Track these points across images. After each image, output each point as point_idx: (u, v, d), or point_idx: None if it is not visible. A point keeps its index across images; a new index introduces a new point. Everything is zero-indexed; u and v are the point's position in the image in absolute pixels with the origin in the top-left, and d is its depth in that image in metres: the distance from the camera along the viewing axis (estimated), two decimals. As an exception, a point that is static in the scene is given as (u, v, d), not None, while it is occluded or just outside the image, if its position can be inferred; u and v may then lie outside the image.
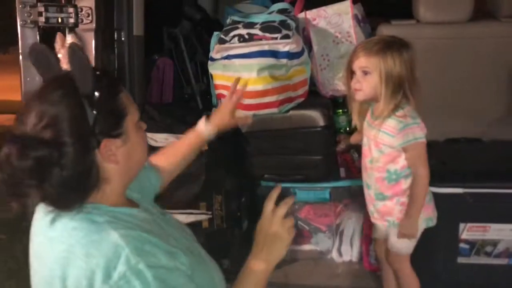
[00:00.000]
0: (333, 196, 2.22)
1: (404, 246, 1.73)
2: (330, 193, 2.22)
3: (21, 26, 1.71)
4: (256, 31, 2.00)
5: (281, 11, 2.16)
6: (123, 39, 1.95)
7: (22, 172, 0.83)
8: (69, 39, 1.56)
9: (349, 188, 2.20)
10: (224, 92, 2.03)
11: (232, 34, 2.02)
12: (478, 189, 1.80)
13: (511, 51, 2.01)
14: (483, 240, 1.90)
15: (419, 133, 1.59)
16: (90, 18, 1.86)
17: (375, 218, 1.77)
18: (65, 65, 0.97)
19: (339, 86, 2.20)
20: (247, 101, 1.97)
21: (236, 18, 2.17)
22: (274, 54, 1.97)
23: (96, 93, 0.88)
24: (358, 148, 1.99)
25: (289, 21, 2.04)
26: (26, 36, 1.73)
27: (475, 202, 1.70)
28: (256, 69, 1.94)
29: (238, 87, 1.52)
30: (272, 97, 1.99)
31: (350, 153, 2.25)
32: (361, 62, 1.62)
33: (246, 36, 1.99)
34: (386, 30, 2.12)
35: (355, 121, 1.79)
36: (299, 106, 2.09)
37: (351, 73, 1.67)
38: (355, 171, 2.17)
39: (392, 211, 1.68)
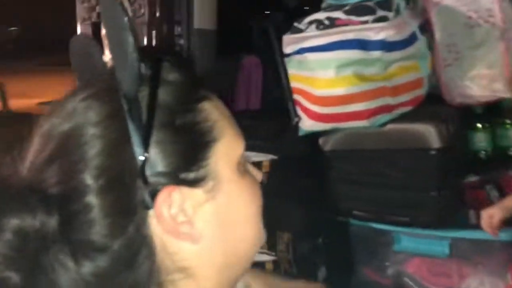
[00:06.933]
0: (455, 249, 1.53)
1: None
2: (451, 246, 1.53)
3: None
4: (339, 14, 1.46)
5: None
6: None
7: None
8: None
9: (481, 241, 1.49)
10: (299, 98, 1.56)
11: (308, 20, 1.52)
12: None
13: None
14: None
15: None
16: (142, 10, 1.65)
17: None
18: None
19: (472, 89, 1.51)
20: (323, 110, 1.46)
21: (332, 1, 1.66)
22: (362, 44, 1.41)
23: (149, 96, 0.42)
24: (497, 181, 1.31)
25: (396, -2, 1.45)
26: None
27: None
28: (334, 66, 1.41)
29: None
30: (359, 105, 1.44)
31: (485, 189, 1.52)
32: None
33: (326, 22, 1.48)
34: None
35: None
36: (403, 118, 1.48)
37: None
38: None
39: None
